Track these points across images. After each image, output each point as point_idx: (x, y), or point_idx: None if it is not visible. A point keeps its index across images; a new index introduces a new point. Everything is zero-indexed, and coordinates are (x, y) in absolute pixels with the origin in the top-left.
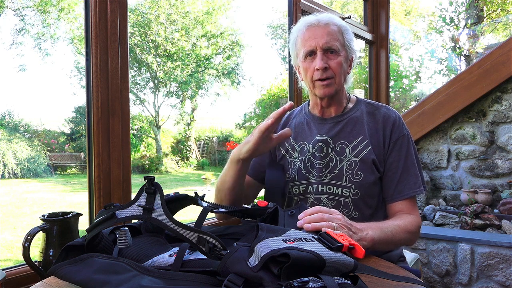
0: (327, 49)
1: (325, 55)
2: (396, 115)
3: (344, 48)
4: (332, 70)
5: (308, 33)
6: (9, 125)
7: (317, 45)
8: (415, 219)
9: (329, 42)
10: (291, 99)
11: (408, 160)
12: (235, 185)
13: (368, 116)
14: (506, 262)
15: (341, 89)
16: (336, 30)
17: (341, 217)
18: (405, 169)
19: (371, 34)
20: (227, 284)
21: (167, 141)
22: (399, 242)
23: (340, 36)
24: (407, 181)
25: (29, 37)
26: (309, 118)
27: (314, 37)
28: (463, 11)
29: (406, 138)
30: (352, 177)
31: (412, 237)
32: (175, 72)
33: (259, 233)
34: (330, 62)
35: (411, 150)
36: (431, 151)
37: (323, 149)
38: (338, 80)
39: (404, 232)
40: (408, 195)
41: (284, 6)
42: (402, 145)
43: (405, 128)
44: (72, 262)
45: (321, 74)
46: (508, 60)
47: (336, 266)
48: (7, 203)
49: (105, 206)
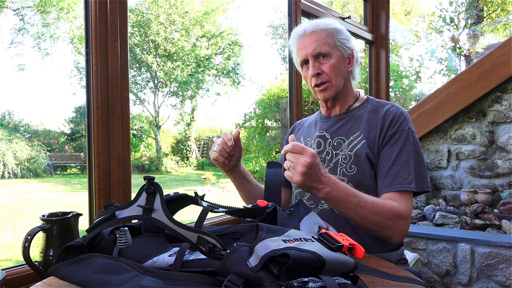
0: (317, 55)
1: (317, 61)
2: (399, 111)
3: (337, 48)
4: (326, 74)
5: (298, 44)
6: (9, 125)
7: (307, 53)
8: (397, 206)
9: (317, 48)
10: (291, 99)
11: (402, 155)
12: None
13: (370, 113)
14: (506, 262)
15: (343, 89)
16: (324, 34)
17: (307, 163)
18: (396, 163)
19: (371, 34)
20: (227, 284)
21: (167, 141)
22: (363, 218)
23: (329, 39)
24: (396, 175)
25: (29, 36)
26: (318, 117)
27: (304, 47)
28: (463, 11)
29: (405, 134)
30: (346, 170)
31: (385, 223)
32: (175, 72)
33: (259, 233)
34: (322, 67)
35: (408, 147)
36: (431, 151)
37: (321, 144)
38: (335, 82)
39: (375, 212)
40: (395, 189)
41: (284, 6)
42: (398, 139)
43: (406, 125)
44: (72, 262)
45: (316, 80)
46: (508, 60)
47: (336, 266)
48: (7, 203)
49: (105, 206)
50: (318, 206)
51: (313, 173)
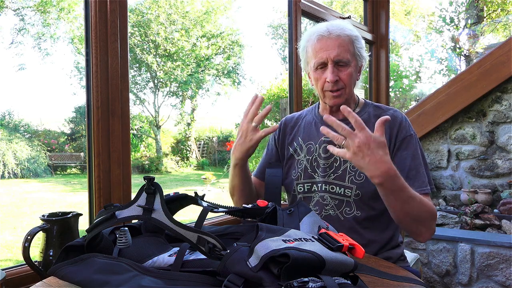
0: (337, 62)
1: (336, 67)
2: (402, 116)
3: (354, 57)
4: (343, 81)
5: (319, 44)
6: (9, 125)
7: (328, 57)
8: (433, 207)
9: (340, 54)
10: (291, 99)
11: (415, 160)
12: (243, 187)
13: (375, 119)
14: (506, 262)
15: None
16: (347, 40)
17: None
18: (413, 168)
19: (371, 34)
20: (227, 284)
21: (167, 141)
22: (408, 213)
23: (350, 46)
24: (415, 179)
25: (29, 36)
26: (318, 119)
27: (325, 49)
28: (463, 11)
29: (414, 138)
30: (355, 178)
31: (424, 221)
32: (175, 72)
33: (259, 233)
34: (340, 74)
35: (418, 150)
36: (431, 151)
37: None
38: (348, 91)
39: (420, 209)
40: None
41: (284, 6)
42: (409, 144)
43: (411, 129)
44: (72, 262)
45: (332, 87)
46: (508, 60)
47: (336, 266)
48: (7, 203)
49: (105, 206)
50: (322, 212)
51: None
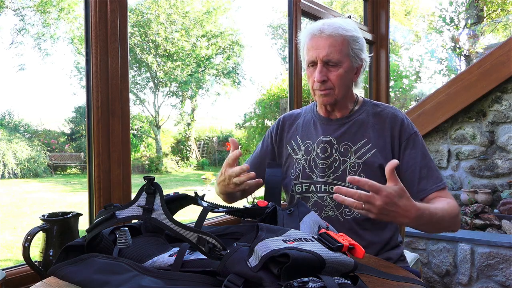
0: (327, 62)
1: (325, 67)
2: (403, 115)
3: (348, 58)
4: (331, 82)
5: (310, 42)
6: (9, 125)
7: (317, 56)
8: (455, 203)
9: (329, 54)
10: (291, 99)
11: (425, 157)
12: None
13: (374, 117)
14: (506, 262)
15: (344, 96)
16: (340, 40)
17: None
18: (424, 166)
19: (371, 34)
20: (227, 284)
21: (167, 141)
22: (439, 228)
23: (344, 47)
24: (429, 176)
25: (29, 37)
26: (316, 118)
27: (316, 48)
28: (463, 11)
29: (418, 136)
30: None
31: (454, 221)
32: (175, 72)
33: (259, 233)
34: (329, 75)
35: (425, 147)
36: (431, 151)
37: (327, 149)
38: (338, 91)
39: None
40: (432, 191)
41: (284, 6)
42: (415, 142)
43: (413, 127)
44: (72, 262)
45: (319, 87)
46: (508, 60)
47: (336, 266)
48: (7, 203)
49: (105, 206)
50: (322, 214)
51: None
